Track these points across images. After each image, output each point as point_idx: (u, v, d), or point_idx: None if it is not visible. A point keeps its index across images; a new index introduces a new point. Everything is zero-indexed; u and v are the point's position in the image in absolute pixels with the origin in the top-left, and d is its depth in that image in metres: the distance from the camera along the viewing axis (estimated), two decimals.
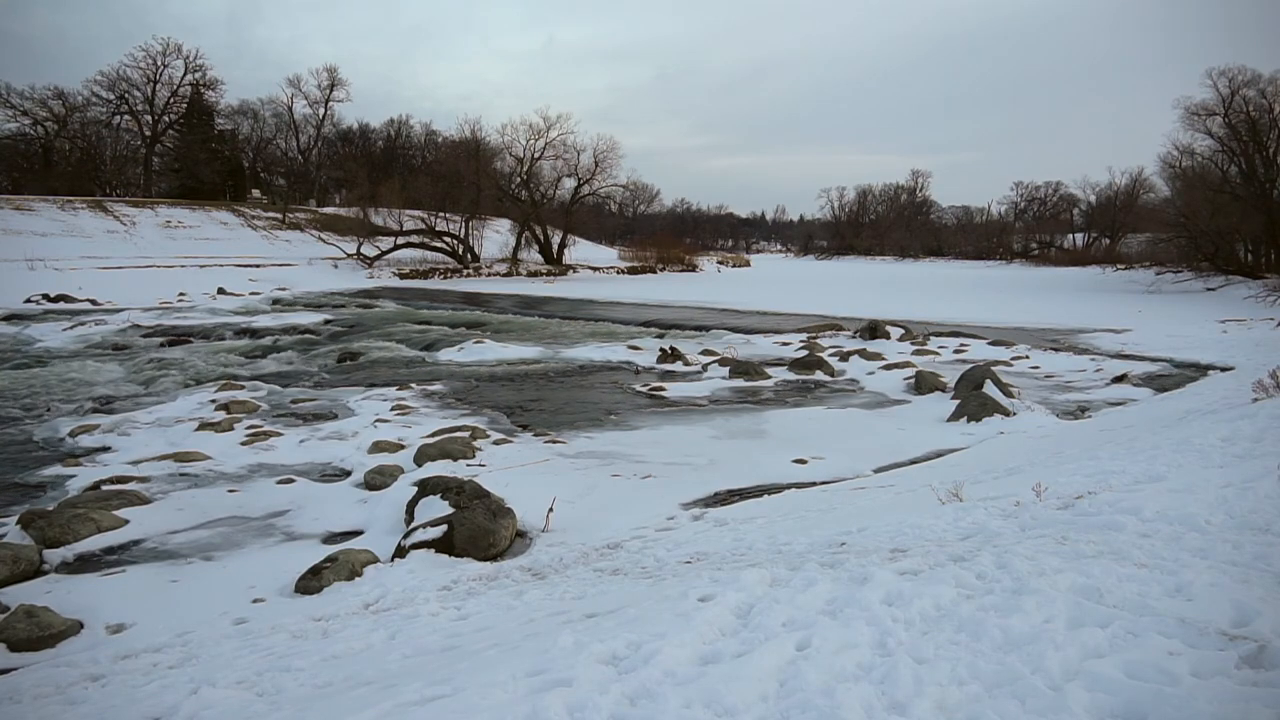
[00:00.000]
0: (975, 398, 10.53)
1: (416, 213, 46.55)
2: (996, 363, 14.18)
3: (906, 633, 2.95)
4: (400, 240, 44.70)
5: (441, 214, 46.86)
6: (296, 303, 29.66)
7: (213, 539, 6.45)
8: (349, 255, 43.46)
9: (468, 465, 8.22)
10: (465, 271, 45.56)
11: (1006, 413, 10.27)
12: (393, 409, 11.13)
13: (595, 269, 50.98)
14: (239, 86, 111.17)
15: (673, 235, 70.62)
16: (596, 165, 49.33)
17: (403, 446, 8.96)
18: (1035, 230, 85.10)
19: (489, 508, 6.34)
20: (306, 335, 20.51)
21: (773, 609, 3.30)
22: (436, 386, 12.98)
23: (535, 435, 9.81)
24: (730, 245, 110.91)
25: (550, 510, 6.65)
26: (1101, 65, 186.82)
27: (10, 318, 23.25)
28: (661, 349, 16.21)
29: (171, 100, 57.78)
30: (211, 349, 17.47)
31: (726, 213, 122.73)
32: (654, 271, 53.81)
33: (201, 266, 37.06)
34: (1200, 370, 13.73)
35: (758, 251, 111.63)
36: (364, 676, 3.59)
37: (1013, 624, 2.89)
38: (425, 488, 6.79)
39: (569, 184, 50.76)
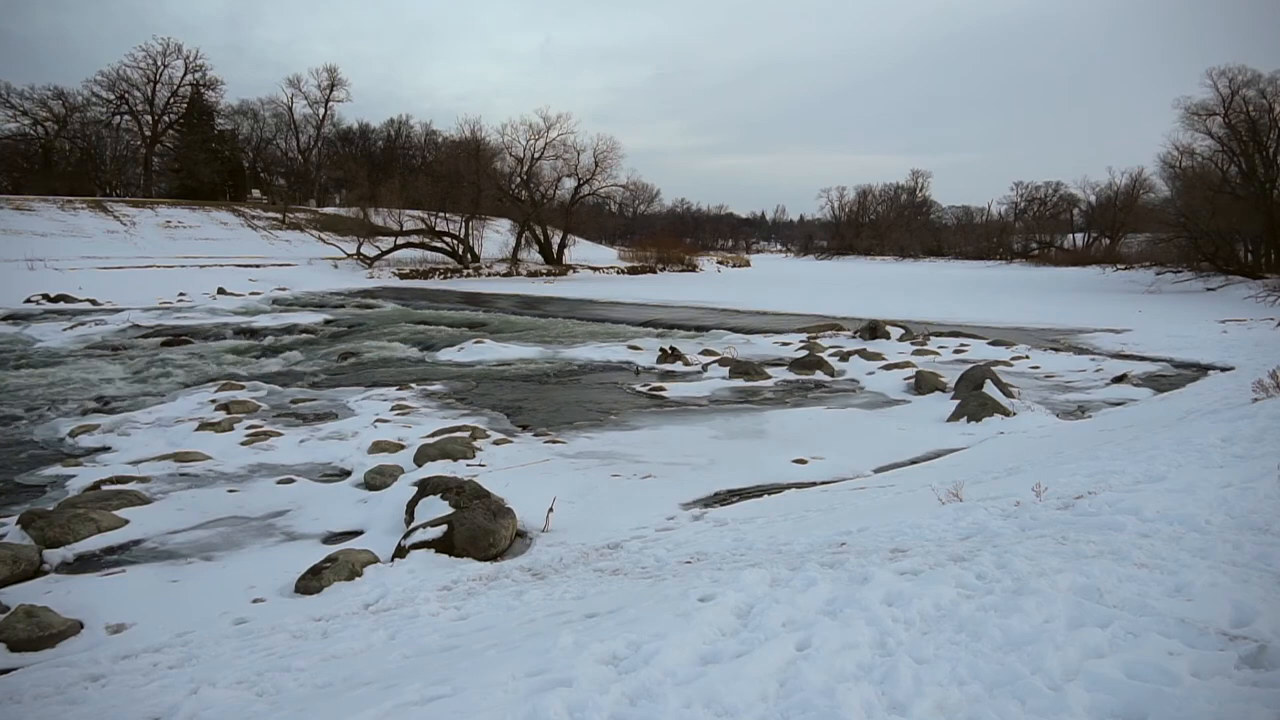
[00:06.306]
0: (975, 398, 10.53)
1: (416, 213, 46.52)
2: (996, 363, 14.19)
3: (906, 633, 2.96)
4: (400, 240, 44.65)
5: (441, 214, 46.81)
6: (296, 303, 29.64)
7: (213, 539, 6.45)
8: (349, 255, 43.43)
9: (468, 465, 8.23)
10: (465, 271, 45.53)
11: (1006, 413, 10.27)
12: (393, 409, 11.14)
13: (595, 269, 50.94)
14: (239, 86, 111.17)
15: (673, 235, 70.50)
16: (596, 165, 49.31)
17: (403, 446, 8.96)
18: (1035, 230, 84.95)
19: (489, 508, 6.34)
20: (306, 335, 20.50)
21: (773, 609, 3.30)
22: (436, 386, 12.99)
23: (535, 435, 9.81)
24: (730, 245, 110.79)
25: (550, 510, 6.66)
26: (1101, 65, 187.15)
27: (10, 318, 23.23)
28: (661, 349, 16.21)
29: (171, 100, 57.79)
30: (211, 349, 17.46)
31: (726, 213, 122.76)
32: (654, 271, 53.77)
33: (201, 266, 37.03)
34: (1200, 370, 13.73)
35: (758, 251, 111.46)
36: (364, 676, 3.59)
37: (1013, 624, 2.89)
38: (425, 488, 6.79)
39: (569, 184, 50.76)
